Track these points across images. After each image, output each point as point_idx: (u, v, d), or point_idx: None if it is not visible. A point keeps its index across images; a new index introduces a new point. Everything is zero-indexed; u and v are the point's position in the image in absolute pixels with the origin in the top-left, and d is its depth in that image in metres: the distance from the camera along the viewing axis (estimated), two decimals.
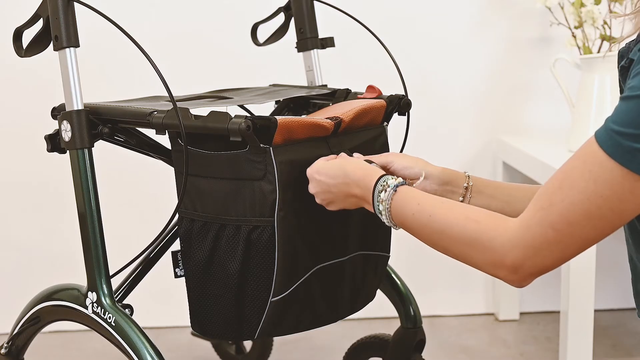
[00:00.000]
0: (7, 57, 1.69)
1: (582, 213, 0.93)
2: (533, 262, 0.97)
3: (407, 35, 2.27)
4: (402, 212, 1.10)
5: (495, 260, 1.00)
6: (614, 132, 0.90)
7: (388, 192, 1.11)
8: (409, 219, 1.09)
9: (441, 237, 1.06)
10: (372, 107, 1.35)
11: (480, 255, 1.01)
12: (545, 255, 0.97)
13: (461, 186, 1.26)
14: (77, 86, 1.29)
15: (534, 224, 0.96)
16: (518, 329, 2.29)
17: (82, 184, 1.30)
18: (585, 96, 2.05)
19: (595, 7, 2.03)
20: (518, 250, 0.97)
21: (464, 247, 1.03)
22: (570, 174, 0.94)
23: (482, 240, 1.00)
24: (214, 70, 2.25)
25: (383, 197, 1.11)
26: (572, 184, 0.93)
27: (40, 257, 2.31)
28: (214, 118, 1.20)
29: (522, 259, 0.97)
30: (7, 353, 1.46)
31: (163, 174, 1.64)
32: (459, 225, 1.03)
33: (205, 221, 1.26)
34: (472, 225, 1.02)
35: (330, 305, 1.32)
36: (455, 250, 1.05)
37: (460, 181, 1.26)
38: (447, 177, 1.27)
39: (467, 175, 1.27)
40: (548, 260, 0.97)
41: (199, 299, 1.29)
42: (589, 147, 0.93)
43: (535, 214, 0.96)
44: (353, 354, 1.71)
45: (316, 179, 1.19)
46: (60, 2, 1.26)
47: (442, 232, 1.05)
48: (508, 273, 1.00)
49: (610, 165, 0.90)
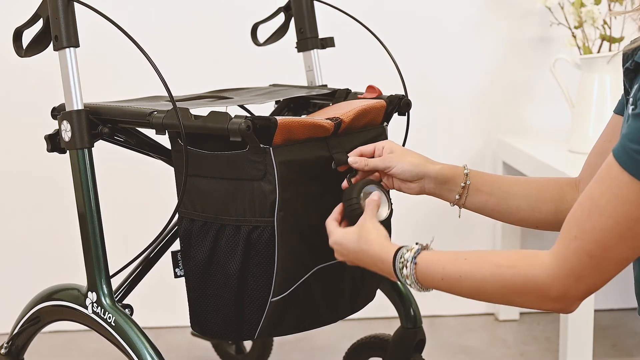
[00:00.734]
0: (7, 57, 1.68)
1: (615, 237, 0.93)
2: (577, 289, 0.98)
3: (407, 35, 2.27)
4: (430, 280, 1.09)
5: (539, 299, 1.00)
6: (632, 150, 0.90)
7: (409, 268, 1.09)
8: (440, 284, 1.08)
9: (477, 293, 1.05)
10: (372, 108, 1.35)
11: (522, 299, 1.01)
12: (587, 281, 0.97)
13: (459, 185, 1.25)
14: (77, 86, 1.29)
15: (570, 254, 0.96)
16: (518, 329, 2.29)
17: (82, 184, 1.30)
18: (585, 96, 2.05)
19: (595, 7, 2.03)
20: (560, 283, 0.97)
21: (504, 296, 1.03)
22: (597, 200, 0.94)
23: (521, 285, 1.00)
24: (214, 70, 2.25)
25: (406, 274, 1.10)
26: (600, 211, 0.93)
27: (40, 257, 2.31)
28: (214, 118, 1.20)
29: (565, 289, 0.97)
30: (7, 353, 1.46)
31: (163, 174, 1.64)
32: (493, 277, 1.02)
33: (205, 221, 1.26)
34: (507, 272, 1.01)
35: (330, 306, 1.32)
36: (496, 299, 1.05)
37: (458, 180, 1.25)
38: (445, 176, 1.25)
39: (466, 173, 1.25)
40: (592, 284, 0.97)
41: (199, 299, 1.29)
42: (610, 169, 0.93)
43: (570, 244, 0.96)
44: (353, 354, 1.71)
45: (339, 250, 1.19)
46: (60, 2, 1.26)
47: (477, 289, 1.04)
48: (555, 304, 1.00)
49: (634, 186, 0.90)
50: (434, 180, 1.25)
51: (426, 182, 1.26)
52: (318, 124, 1.24)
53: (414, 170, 1.24)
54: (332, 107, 1.42)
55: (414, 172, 1.25)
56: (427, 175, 1.25)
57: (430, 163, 1.26)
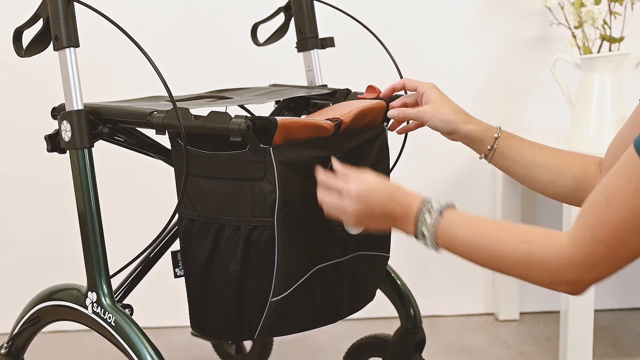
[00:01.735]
0: (7, 57, 1.69)
1: (632, 228, 0.94)
2: (590, 276, 0.99)
3: (407, 35, 2.27)
4: (449, 235, 1.09)
5: (551, 280, 1.01)
6: None
7: (433, 216, 1.10)
8: (455, 245, 1.09)
9: (491, 260, 1.06)
10: (372, 108, 1.35)
11: (534, 276, 1.03)
12: (602, 269, 0.98)
13: (486, 147, 1.32)
14: (77, 86, 1.29)
15: (586, 243, 0.97)
16: (518, 329, 2.29)
17: (82, 184, 1.30)
18: (585, 96, 2.05)
19: (595, 7, 2.03)
20: (575, 268, 0.98)
21: (517, 269, 1.04)
22: (616, 192, 0.94)
23: (535, 262, 1.01)
24: (214, 70, 2.25)
25: (428, 221, 1.10)
26: (619, 202, 0.94)
27: (41, 257, 2.31)
28: (214, 118, 1.20)
29: (579, 275, 0.99)
30: (7, 353, 1.46)
31: (163, 174, 1.64)
32: (510, 248, 1.03)
33: (205, 221, 1.26)
34: (524, 247, 1.02)
35: (330, 306, 1.32)
36: (507, 271, 1.06)
37: (486, 142, 1.32)
38: (474, 137, 1.32)
39: (495, 137, 1.31)
40: (604, 273, 0.99)
41: (199, 299, 1.29)
42: (630, 161, 0.93)
43: (586, 232, 0.97)
44: (353, 354, 1.71)
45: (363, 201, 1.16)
46: (60, 2, 1.26)
47: (491, 256, 1.06)
48: (565, 288, 1.02)
49: None
50: (463, 138, 1.33)
51: (457, 137, 1.34)
52: (318, 124, 1.24)
53: (445, 127, 1.33)
54: (332, 108, 1.42)
55: (445, 129, 1.33)
56: (457, 133, 1.32)
57: (463, 122, 1.32)
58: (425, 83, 1.37)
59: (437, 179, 2.33)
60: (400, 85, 1.40)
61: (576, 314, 1.87)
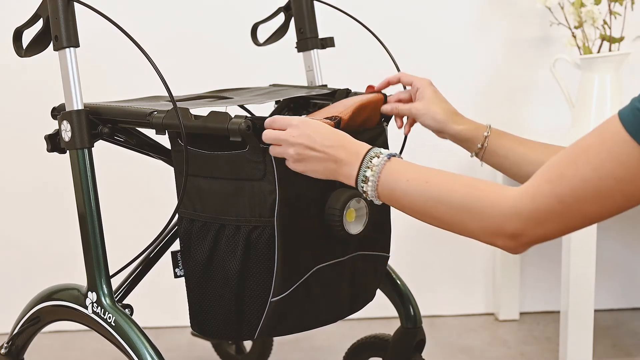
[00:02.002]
0: (7, 57, 1.69)
1: (592, 191, 0.92)
2: (534, 232, 0.97)
3: (407, 35, 2.27)
4: (392, 179, 1.08)
5: (494, 229, 0.99)
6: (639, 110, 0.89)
7: (381, 159, 1.09)
8: (400, 186, 1.07)
9: (435, 205, 1.04)
10: (370, 102, 1.35)
11: (478, 223, 1.00)
12: (548, 227, 0.96)
13: (477, 146, 1.32)
14: (77, 86, 1.29)
15: (540, 195, 0.95)
16: (518, 329, 2.29)
17: (82, 184, 1.30)
18: (585, 96, 2.05)
19: (595, 7, 2.03)
20: (520, 220, 0.96)
21: (461, 215, 1.01)
22: (587, 150, 0.93)
23: (482, 208, 0.99)
24: (214, 70, 2.25)
25: (375, 163, 1.09)
26: (587, 160, 0.92)
27: (40, 257, 2.31)
28: (214, 118, 1.20)
29: (523, 228, 0.97)
30: (7, 353, 1.46)
31: (163, 174, 1.64)
32: (458, 192, 1.02)
33: (205, 221, 1.26)
34: (472, 192, 1.01)
35: (330, 306, 1.32)
36: (450, 218, 1.03)
37: (476, 141, 1.32)
38: (464, 137, 1.33)
39: (486, 135, 1.31)
40: (549, 232, 0.97)
41: (199, 299, 1.29)
42: (610, 125, 0.92)
43: (543, 186, 0.95)
44: (353, 354, 1.71)
45: (303, 130, 1.14)
46: (60, 2, 1.26)
47: (437, 199, 1.03)
48: (506, 241, 0.99)
49: (630, 146, 0.90)
50: (452, 137, 1.34)
51: (447, 136, 1.35)
52: None
53: (435, 126, 1.34)
54: (330, 106, 1.42)
55: (435, 127, 1.34)
56: (447, 132, 1.34)
57: (453, 122, 1.33)
58: (421, 79, 1.38)
59: None
60: (395, 79, 1.41)
61: (576, 314, 1.87)
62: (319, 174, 1.15)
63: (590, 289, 1.86)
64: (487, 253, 2.38)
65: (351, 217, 1.25)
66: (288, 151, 1.15)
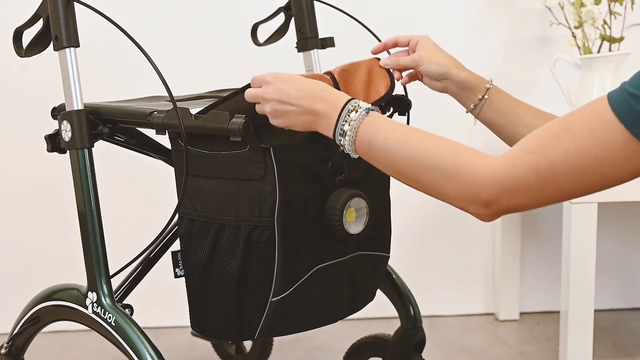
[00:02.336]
0: (7, 57, 1.69)
1: (572, 166, 0.92)
2: (508, 202, 0.97)
3: None
4: (371, 135, 1.06)
5: (469, 194, 0.98)
6: (628, 94, 0.89)
7: (359, 113, 1.07)
8: (378, 142, 1.05)
9: (412, 164, 1.03)
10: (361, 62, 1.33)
11: (453, 187, 1.00)
12: (522, 198, 0.96)
13: (477, 96, 1.31)
14: (77, 86, 1.29)
15: (518, 165, 0.95)
16: (518, 329, 2.29)
17: (82, 184, 1.30)
18: (585, 96, 2.05)
19: (595, 7, 2.03)
20: (496, 188, 0.96)
21: (438, 177, 1.01)
22: (572, 126, 0.93)
23: (459, 172, 0.99)
24: (214, 70, 2.25)
25: (353, 117, 1.07)
26: (571, 137, 0.92)
27: (40, 257, 2.31)
28: (214, 118, 1.20)
29: (498, 196, 0.96)
30: (7, 353, 1.46)
31: (163, 174, 1.64)
32: (436, 154, 1.01)
33: (205, 221, 1.26)
34: (451, 155, 1.00)
35: (330, 306, 1.32)
36: (426, 180, 1.02)
37: (478, 91, 1.31)
38: (468, 84, 1.31)
39: (487, 87, 1.30)
40: (523, 203, 0.97)
41: (199, 299, 1.29)
42: (598, 104, 0.92)
43: (523, 156, 0.95)
44: (353, 354, 1.71)
45: (276, 85, 1.12)
46: (60, 2, 1.26)
47: (415, 159, 1.02)
48: (479, 208, 0.99)
49: (614, 127, 0.90)
50: (456, 85, 1.32)
51: (449, 84, 1.32)
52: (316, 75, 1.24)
53: (439, 70, 1.32)
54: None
55: (439, 72, 1.32)
56: (451, 77, 1.32)
57: (458, 68, 1.32)
58: (419, 35, 1.36)
59: None
60: (391, 41, 1.38)
61: (576, 314, 1.87)
62: (298, 127, 1.14)
63: (590, 289, 1.86)
64: (487, 253, 2.38)
65: (351, 216, 1.25)
66: (264, 108, 1.14)
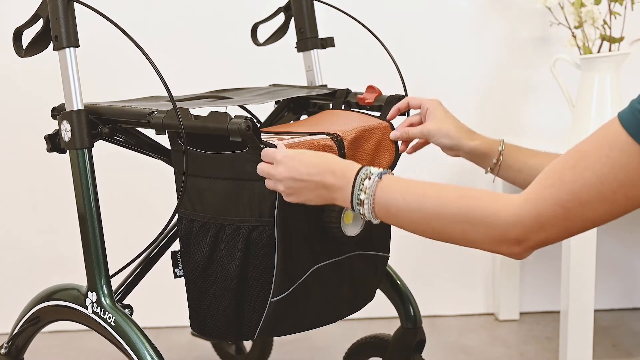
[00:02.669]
0: (6, 57, 1.68)
1: (594, 194, 0.92)
2: (537, 238, 0.97)
3: (407, 35, 2.27)
4: (389, 198, 1.06)
5: (498, 237, 0.98)
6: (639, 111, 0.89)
7: (372, 180, 1.08)
8: (397, 204, 1.06)
9: (436, 218, 1.03)
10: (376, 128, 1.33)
11: (480, 233, 1.00)
12: (551, 231, 0.96)
13: (492, 161, 1.30)
14: (77, 86, 1.29)
15: (541, 201, 0.95)
16: (518, 329, 2.29)
17: (82, 184, 1.30)
18: (585, 96, 2.05)
19: (595, 7, 2.03)
20: (523, 226, 0.96)
21: (463, 227, 1.00)
22: (586, 154, 0.92)
23: (483, 217, 0.98)
24: (214, 70, 2.25)
25: (367, 185, 1.08)
26: (587, 165, 0.92)
27: (40, 257, 2.31)
28: (214, 118, 1.20)
29: (527, 234, 0.96)
30: (7, 353, 1.46)
31: (163, 174, 1.64)
32: (457, 204, 1.01)
33: (204, 221, 1.26)
34: (472, 202, 1.00)
35: (329, 305, 1.32)
36: (452, 231, 1.02)
37: (491, 156, 1.30)
38: (479, 152, 1.31)
39: (500, 150, 1.29)
40: (553, 236, 0.96)
41: (199, 299, 1.29)
42: (609, 127, 0.91)
43: (544, 192, 0.95)
44: (353, 354, 1.71)
45: (287, 164, 1.14)
46: (60, 2, 1.26)
47: (437, 213, 1.02)
48: (511, 248, 0.99)
49: (630, 148, 0.89)
50: (468, 153, 1.32)
51: (461, 153, 1.32)
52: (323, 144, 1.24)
53: (449, 143, 1.31)
54: (329, 114, 1.42)
55: (449, 145, 1.32)
56: (462, 148, 1.31)
57: (468, 138, 1.31)
58: (429, 100, 1.35)
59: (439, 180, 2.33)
60: (404, 104, 1.38)
61: (576, 314, 1.87)
62: (313, 202, 1.15)
63: (590, 289, 1.86)
64: (487, 253, 2.38)
65: (349, 219, 1.25)
66: (278, 187, 1.15)
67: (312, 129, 1.32)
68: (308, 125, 1.37)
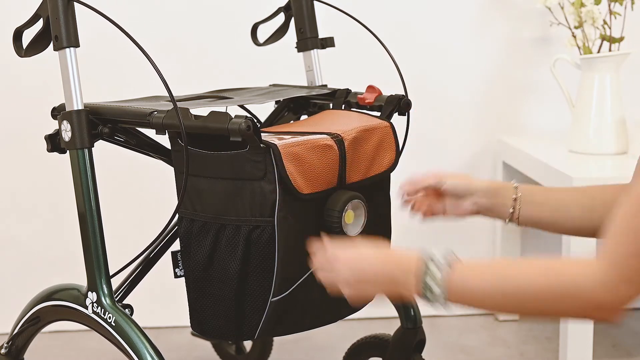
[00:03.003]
0: (6, 57, 1.68)
1: None
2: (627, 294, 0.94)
3: (408, 35, 2.27)
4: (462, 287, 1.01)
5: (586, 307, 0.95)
6: None
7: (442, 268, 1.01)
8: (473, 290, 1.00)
9: (518, 299, 0.98)
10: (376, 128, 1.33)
11: (567, 307, 0.96)
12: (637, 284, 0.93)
13: (510, 198, 1.25)
14: (77, 86, 1.29)
15: (619, 258, 0.92)
16: (518, 329, 2.29)
17: (82, 184, 1.30)
18: (585, 96, 2.05)
19: (595, 7, 2.03)
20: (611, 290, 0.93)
21: (548, 303, 0.96)
22: None
23: (567, 290, 0.95)
24: (214, 70, 2.25)
25: (438, 276, 1.01)
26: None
27: (40, 257, 2.31)
28: (214, 118, 1.20)
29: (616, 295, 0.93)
30: (7, 353, 1.46)
31: (163, 174, 1.64)
32: (537, 282, 0.96)
33: (205, 221, 1.26)
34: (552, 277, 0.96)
35: (330, 305, 1.32)
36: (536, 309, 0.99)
37: (508, 192, 1.26)
38: (495, 189, 1.27)
39: (515, 186, 1.26)
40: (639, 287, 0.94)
41: (199, 299, 1.29)
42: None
43: (618, 249, 0.93)
44: (353, 354, 1.71)
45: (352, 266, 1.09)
46: (60, 2, 1.26)
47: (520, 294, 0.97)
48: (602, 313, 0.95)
49: None
50: (485, 194, 1.27)
51: (478, 197, 1.27)
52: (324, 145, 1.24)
53: (462, 185, 1.27)
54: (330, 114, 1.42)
55: (464, 186, 1.27)
56: (477, 189, 1.27)
57: (477, 180, 1.28)
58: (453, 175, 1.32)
59: None
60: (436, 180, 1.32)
61: None
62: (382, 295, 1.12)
63: None
64: (487, 253, 2.38)
65: (350, 218, 1.25)
66: (345, 290, 1.11)
67: (313, 128, 1.32)
68: (308, 125, 1.37)
